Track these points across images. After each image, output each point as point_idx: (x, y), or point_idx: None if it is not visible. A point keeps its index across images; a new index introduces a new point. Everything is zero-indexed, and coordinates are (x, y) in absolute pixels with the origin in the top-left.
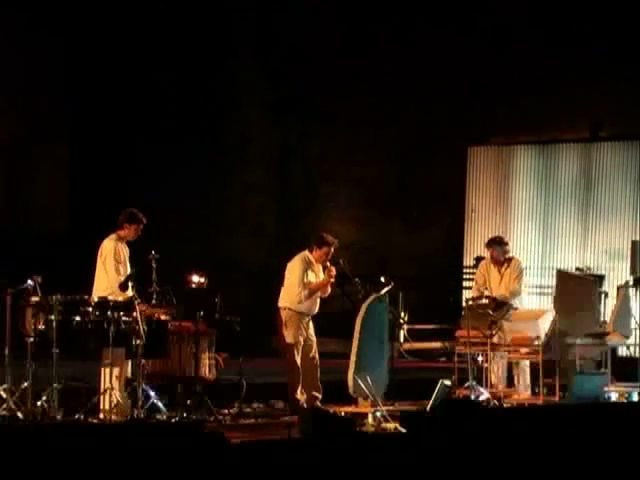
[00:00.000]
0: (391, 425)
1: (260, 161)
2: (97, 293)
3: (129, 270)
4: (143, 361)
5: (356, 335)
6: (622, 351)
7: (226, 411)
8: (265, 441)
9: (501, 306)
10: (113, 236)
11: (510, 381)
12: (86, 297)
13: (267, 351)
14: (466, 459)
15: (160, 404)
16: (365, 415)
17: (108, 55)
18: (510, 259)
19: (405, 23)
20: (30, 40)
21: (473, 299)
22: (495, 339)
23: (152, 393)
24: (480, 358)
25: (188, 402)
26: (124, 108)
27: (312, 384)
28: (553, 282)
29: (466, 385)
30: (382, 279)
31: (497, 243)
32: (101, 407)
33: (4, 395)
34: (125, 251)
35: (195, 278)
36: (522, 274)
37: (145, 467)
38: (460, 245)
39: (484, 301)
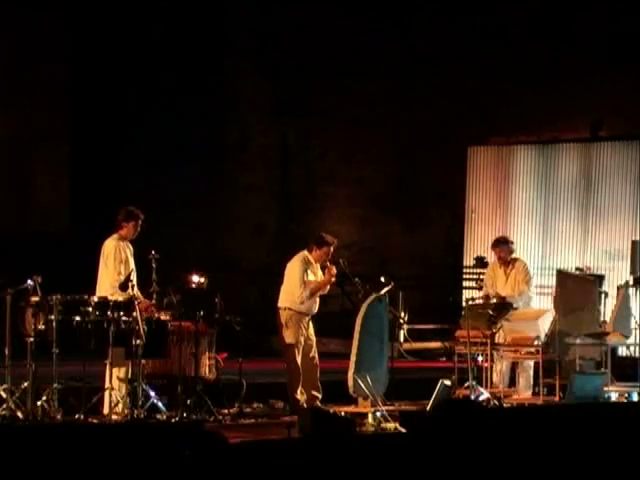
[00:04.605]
0: (391, 425)
1: (260, 161)
2: (100, 293)
3: (131, 269)
4: (143, 361)
5: (356, 335)
6: (622, 351)
7: (226, 411)
8: (265, 441)
9: (502, 306)
10: (115, 236)
11: (512, 381)
12: (86, 297)
13: (267, 351)
14: (466, 459)
15: (160, 404)
16: (365, 415)
17: (108, 56)
18: (515, 260)
19: (405, 23)
20: (30, 40)
21: (474, 299)
22: (500, 339)
23: (152, 393)
24: (480, 358)
25: (188, 402)
26: (124, 108)
27: (312, 384)
28: (553, 282)
29: (466, 385)
30: (382, 279)
31: (503, 243)
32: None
33: (4, 395)
34: (128, 250)
35: (195, 278)
36: (529, 275)
37: (145, 467)
38: (460, 245)
39: (492, 301)
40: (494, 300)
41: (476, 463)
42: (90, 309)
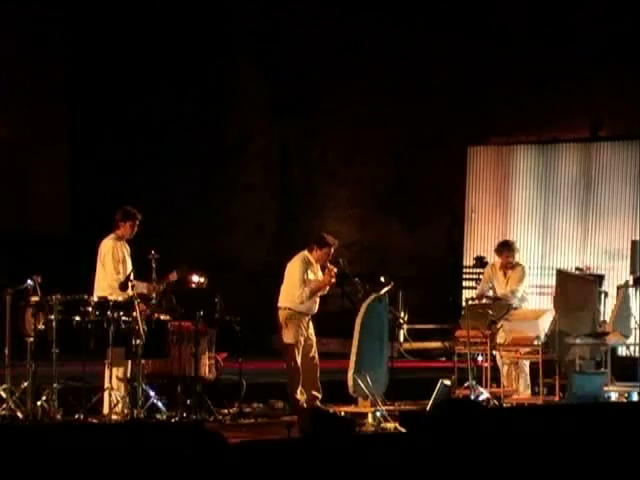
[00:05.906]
0: (391, 425)
1: (260, 161)
2: (97, 293)
3: (130, 269)
4: (143, 361)
5: (356, 335)
6: (622, 351)
7: (226, 411)
8: (265, 441)
9: (501, 306)
10: (112, 236)
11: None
12: (86, 297)
13: (267, 351)
14: (466, 459)
15: (160, 404)
16: (365, 415)
17: (108, 56)
18: (517, 264)
19: (405, 23)
20: (30, 39)
21: (473, 298)
22: (499, 339)
23: (152, 393)
24: (480, 358)
25: (188, 402)
26: (124, 108)
27: (312, 384)
28: (553, 282)
29: (466, 385)
30: (382, 279)
31: (509, 248)
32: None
33: (4, 395)
34: (125, 250)
35: (195, 278)
36: (524, 277)
37: (145, 467)
38: (460, 245)
39: (485, 301)
40: (485, 299)
41: (476, 463)
42: (90, 309)
